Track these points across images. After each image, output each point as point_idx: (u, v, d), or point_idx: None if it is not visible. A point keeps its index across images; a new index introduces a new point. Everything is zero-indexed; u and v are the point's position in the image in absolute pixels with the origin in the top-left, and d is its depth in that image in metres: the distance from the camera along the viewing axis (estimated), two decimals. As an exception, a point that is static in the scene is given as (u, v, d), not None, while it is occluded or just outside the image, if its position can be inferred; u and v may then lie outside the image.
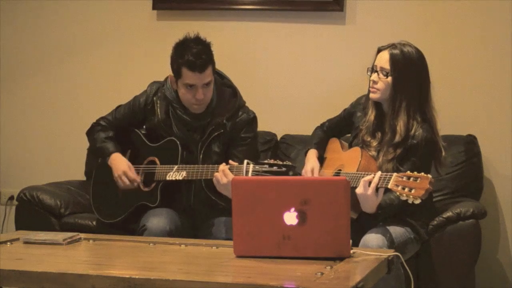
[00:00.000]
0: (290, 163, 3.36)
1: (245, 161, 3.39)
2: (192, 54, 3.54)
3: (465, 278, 3.69)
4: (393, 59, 3.43)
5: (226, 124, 3.66)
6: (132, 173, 3.67)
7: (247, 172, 3.36)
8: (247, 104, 3.77)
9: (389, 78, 3.43)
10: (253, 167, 3.35)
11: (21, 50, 4.93)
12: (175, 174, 3.60)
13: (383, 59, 3.45)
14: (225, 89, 3.73)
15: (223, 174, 3.41)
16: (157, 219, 3.48)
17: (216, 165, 3.49)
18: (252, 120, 3.73)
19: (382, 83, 3.44)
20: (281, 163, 3.34)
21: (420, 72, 3.47)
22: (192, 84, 3.57)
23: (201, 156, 3.64)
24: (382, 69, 3.45)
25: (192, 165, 3.57)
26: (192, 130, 3.69)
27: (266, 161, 3.37)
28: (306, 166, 3.62)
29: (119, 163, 3.70)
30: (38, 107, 4.90)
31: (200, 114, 3.66)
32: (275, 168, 3.32)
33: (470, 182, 4.11)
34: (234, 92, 3.75)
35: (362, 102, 3.63)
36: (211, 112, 3.66)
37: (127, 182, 3.67)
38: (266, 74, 4.60)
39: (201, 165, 3.56)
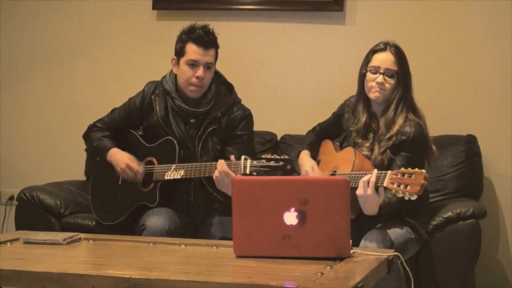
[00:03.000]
0: (287, 157, 3.35)
1: (243, 157, 3.39)
2: (201, 31, 3.61)
3: (465, 278, 3.69)
4: (399, 59, 3.46)
5: (222, 119, 3.67)
6: (135, 165, 3.67)
7: (245, 167, 3.36)
8: (247, 104, 3.78)
9: (397, 79, 3.44)
10: (251, 162, 3.35)
11: (21, 50, 4.93)
12: (173, 173, 3.60)
13: (388, 60, 3.46)
14: (221, 86, 3.75)
15: (225, 175, 3.41)
16: (156, 218, 3.48)
17: (213, 163, 3.49)
18: (248, 117, 3.73)
19: (389, 84, 3.45)
20: (278, 157, 3.34)
21: (409, 69, 3.52)
22: (195, 61, 3.60)
23: (199, 151, 3.65)
24: (388, 70, 3.45)
25: (190, 164, 3.57)
26: (188, 124, 3.69)
27: (263, 156, 3.37)
28: (305, 166, 3.62)
29: (120, 157, 3.71)
30: (38, 107, 4.91)
31: (197, 101, 3.66)
32: (272, 162, 3.31)
33: (470, 182, 4.11)
34: (230, 89, 3.77)
35: (350, 104, 3.64)
36: (209, 103, 3.67)
37: (131, 174, 3.67)
38: (266, 74, 4.60)
39: (198, 163, 3.57)
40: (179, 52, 3.66)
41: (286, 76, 4.58)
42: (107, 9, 4.80)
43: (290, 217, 2.63)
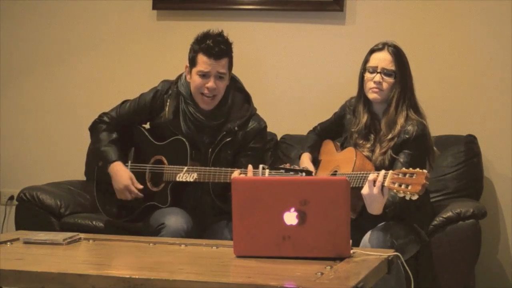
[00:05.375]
0: (307, 169, 3.33)
1: (261, 166, 3.35)
2: (211, 42, 3.55)
3: (465, 278, 3.69)
4: (396, 59, 3.46)
5: (238, 132, 3.64)
6: (133, 188, 3.64)
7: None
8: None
9: (395, 78, 3.45)
10: (269, 172, 3.32)
11: (21, 50, 4.93)
12: (186, 175, 3.56)
13: (385, 60, 3.46)
14: (237, 94, 3.71)
15: None
16: (174, 218, 3.47)
17: (229, 169, 3.47)
18: (263, 130, 3.71)
19: (386, 84, 3.46)
20: (297, 168, 3.31)
21: (409, 69, 3.53)
22: (205, 72, 3.55)
23: (211, 162, 3.61)
24: (385, 69, 3.46)
25: (203, 168, 3.55)
26: (201, 132, 3.66)
27: (282, 166, 3.34)
28: None
29: (121, 176, 3.66)
30: (38, 107, 4.90)
31: (213, 114, 3.63)
32: (291, 173, 3.28)
33: (470, 182, 4.11)
34: (247, 98, 3.73)
35: (350, 104, 3.65)
36: (224, 115, 3.63)
37: (129, 197, 3.65)
38: (266, 74, 4.60)
39: (213, 168, 3.53)
40: (191, 62, 3.61)
41: (286, 76, 4.58)
42: (107, 9, 4.79)
43: (290, 217, 2.63)
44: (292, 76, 4.57)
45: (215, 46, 3.54)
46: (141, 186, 3.66)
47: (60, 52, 4.88)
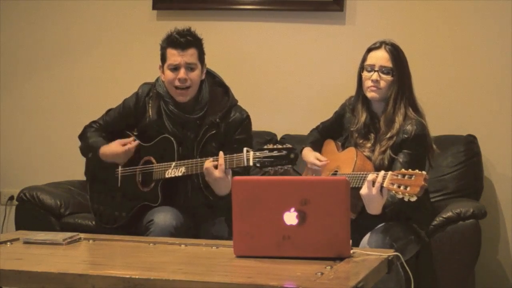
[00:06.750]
0: (290, 146, 3.32)
1: (245, 149, 3.36)
2: (176, 34, 3.63)
3: (465, 278, 3.69)
4: (394, 57, 3.46)
5: (220, 124, 3.65)
6: (124, 147, 3.70)
7: (247, 160, 3.34)
8: (247, 104, 3.76)
9: (393, 76, 3.44)
10: (254, 154, 3.32)
11: (21, 50, 4.93)
12: (174, 171, 3.58)
13: (383, 58, 3.47)
14: (216, 88, 3.73)
15: (215, 169, 3.41)
16: (163, 215, 3.49)
17: (214, 157, 3.48)
18: (246, 120, 3.71)
19: (384, 82, 3.46)
20: (280, 146, 3.31)
21: (408, 67, 3.53)
22: (175, 65, 3.60)
23: (198, 156, 3.63)
24: (382, 67, 3.46)
25: (190, 160, 3.56)
26: (186, 128, 3.68)
27: (265, 147, 3.34)
28: (309, 158, 3.62)
29: (111, 148, 3.72)
30: (38, 107, 4.91)
31: (190, 107, 3.65)
32: (275, 152, 3.27)
33: (470, 182, 4.11)
34: (226, 91, 3.75)
35: (350, 104, 3.65)
36: (203, 108, 3.65)
37: (130, 154, 3.70)
38: (266, 74, 4.60)
39: (199, 159, 3.55)
40: (162, 59, 3.68)
41: (286, 76, 4.58)
42: (107, 9, 4.80)
43: (290, 217, 2.63)
44: (292, 76, 4.57)
45: (181, 38, 3.61)
46: (133, 140, 3.72)
47: (60, 52, 4.88)
